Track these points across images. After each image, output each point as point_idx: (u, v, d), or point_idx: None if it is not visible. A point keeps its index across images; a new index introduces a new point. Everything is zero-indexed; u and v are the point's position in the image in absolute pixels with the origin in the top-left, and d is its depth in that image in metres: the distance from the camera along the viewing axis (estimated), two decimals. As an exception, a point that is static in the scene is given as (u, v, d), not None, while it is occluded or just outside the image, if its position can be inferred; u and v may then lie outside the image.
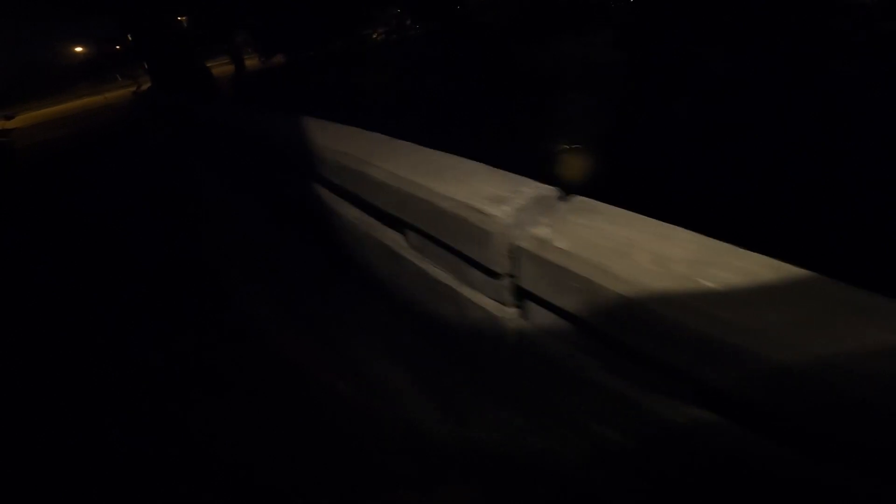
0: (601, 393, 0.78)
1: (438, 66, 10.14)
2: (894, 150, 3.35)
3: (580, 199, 0.83)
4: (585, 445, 0.91)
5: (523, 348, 0.94)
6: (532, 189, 0.86)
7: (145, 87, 11.30)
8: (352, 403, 1.60)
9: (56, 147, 9.93)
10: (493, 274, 0.89)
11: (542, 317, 0.88)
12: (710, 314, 0.56)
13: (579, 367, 0.81)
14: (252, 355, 1.88)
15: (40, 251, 3.74)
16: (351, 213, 1.49)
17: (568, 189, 0.87)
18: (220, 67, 17.40)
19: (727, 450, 0.63)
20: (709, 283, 0.60)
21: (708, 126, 4.41)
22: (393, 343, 1.48)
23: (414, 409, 1.40)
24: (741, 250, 0.66)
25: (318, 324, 1.94)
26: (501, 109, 6.18)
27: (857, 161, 3.32)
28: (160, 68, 8.12)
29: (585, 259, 0.66)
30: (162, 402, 1.78)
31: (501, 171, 0.97)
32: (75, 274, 3.10)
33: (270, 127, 2.03)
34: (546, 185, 0.87)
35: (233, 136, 2.79)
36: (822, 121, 3.97)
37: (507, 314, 0.94)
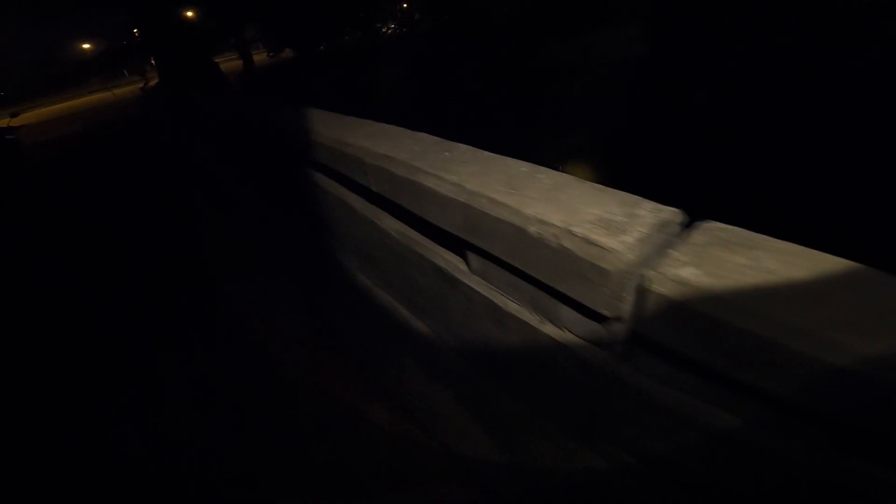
0: (739, 447, 0.62)
1: (446, 61, 9.94)
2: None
3: (718, 227, 0.66)
4: (683, 488, 0.76)
5: (625, 395, 0.77)
6: (650, 212, 0.69)
7: (153, 82, 11.21)
8: (390, 428, 1.47)
9: (61, 144, 9.91)
10: (596, 316, 0.72)
11: (654, 365, 0.71)
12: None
13: (702, 415, 0.65)
14: (274, 376, 1.74)
15: (42, 250, 3.69)
16: (392, 225, 1.32)
17: (693, 212, 0.70)
18: (229, 63, 17.31)
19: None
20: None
21: (730, 123, 4.20)
22: (444, 373, 1.32)
23: (466, 439, 1.25)
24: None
25: (352, 346, 1.80)
26: (516, 107, 6.00)
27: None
28: (168, 64, 8.00)
29: (771, 316, 0.49)
30: (162, 402, 1.74)
31: (598, 186, 0.79)
32: (76, 273, 3.05)
33: (290, 123, 1.84)
34: (666, 207, 0.70)
35: (243, 133, 2.62)
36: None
37: (603, 359, 0.78)
